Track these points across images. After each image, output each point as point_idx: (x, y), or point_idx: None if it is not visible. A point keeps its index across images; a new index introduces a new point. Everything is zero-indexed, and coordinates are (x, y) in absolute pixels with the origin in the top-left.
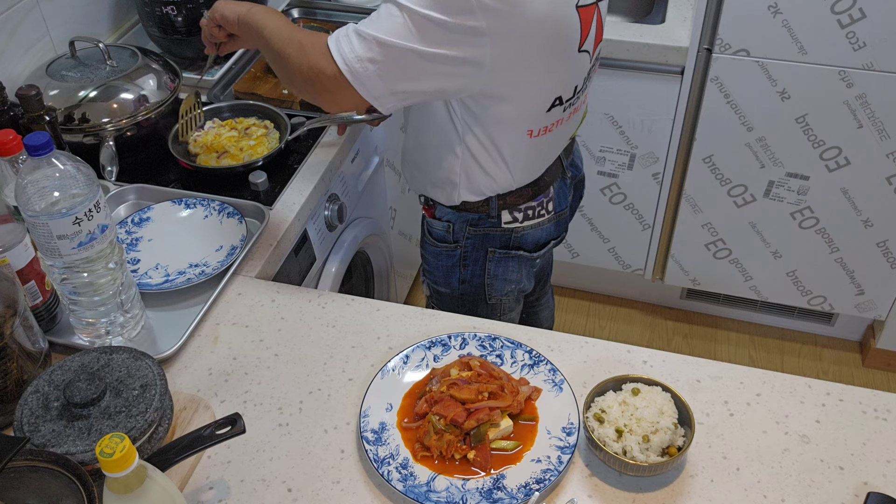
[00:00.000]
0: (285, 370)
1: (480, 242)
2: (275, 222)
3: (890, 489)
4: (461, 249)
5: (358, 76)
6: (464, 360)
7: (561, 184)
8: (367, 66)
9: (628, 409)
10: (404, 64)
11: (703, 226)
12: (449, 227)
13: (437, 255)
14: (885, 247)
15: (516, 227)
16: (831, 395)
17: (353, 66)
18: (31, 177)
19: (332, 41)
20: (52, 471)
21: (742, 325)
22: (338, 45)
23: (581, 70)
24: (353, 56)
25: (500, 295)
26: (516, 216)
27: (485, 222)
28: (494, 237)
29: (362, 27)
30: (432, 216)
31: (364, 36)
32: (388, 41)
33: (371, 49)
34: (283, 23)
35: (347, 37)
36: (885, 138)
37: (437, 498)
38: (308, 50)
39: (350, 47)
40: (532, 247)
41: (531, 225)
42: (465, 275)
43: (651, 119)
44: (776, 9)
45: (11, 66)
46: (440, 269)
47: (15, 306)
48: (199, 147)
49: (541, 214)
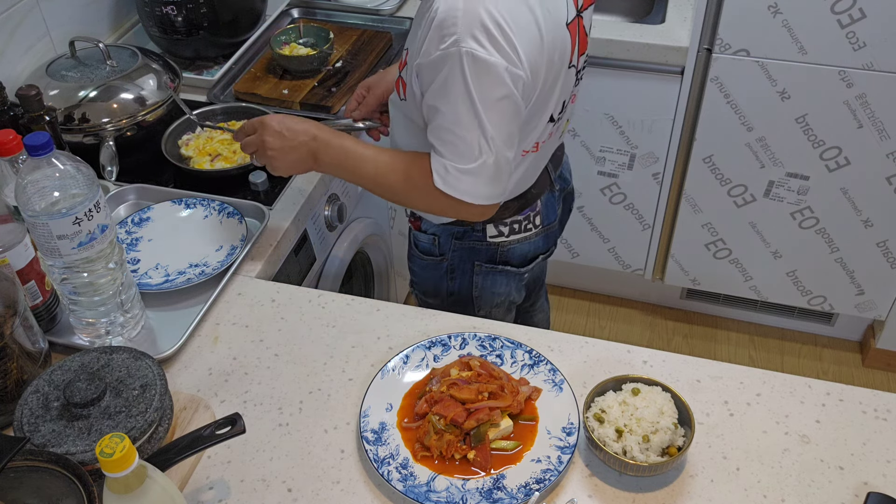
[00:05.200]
0: (285, 370)
1: (467, 255)
2: (275, 222)
3: (890, 489)
4: (447, 262)
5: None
6: (464, 360)
7: (549, 196)
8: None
9: (628, 409)
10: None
11: (703, 226)
12: (435, 240)
13: (424, 268)
14: (885, 247)
15: (502, 242)
16: (831, 395)
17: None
18: (31, 177)
19: (449, 189)
20: (52, 471)
21: (742, 325)
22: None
23: (569, 86)
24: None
25: (490, 307)
26: (502, 230)
27: (470, 235)
28: (480, 251)
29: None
30: (418, 228)
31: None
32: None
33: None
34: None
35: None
36: (885, 138)
37: (437, 498)
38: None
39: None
40: (519, 261)
41: (518, 239)
42: (452, 287)
43: (651, 119)
44: (776, 9)
45: (11, 66)
46: (428, 281)
47: (15, 306)
48: (192, 150)
49: (528, 228)
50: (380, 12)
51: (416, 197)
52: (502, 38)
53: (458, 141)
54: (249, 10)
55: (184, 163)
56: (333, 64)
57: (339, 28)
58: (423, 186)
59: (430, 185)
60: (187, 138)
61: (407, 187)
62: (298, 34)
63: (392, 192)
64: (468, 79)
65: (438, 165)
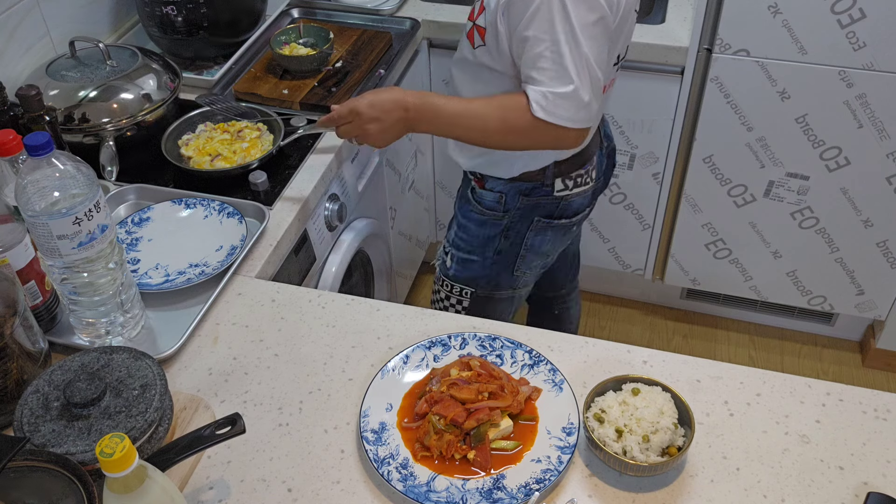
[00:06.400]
0: (285, 370)
1: (529, 211)
2: (275, 222)
3: (890, 489)
4: (508, 219)
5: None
6: (464, 360)
7: (600, 153)
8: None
9: (628, 409)
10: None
11: (703, 226)
12: (501, 198)
13: (482, 224)
14: (885, 247)
15: (566, 195)
16: (831, 395)
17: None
18: (31, 177)
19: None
20: (52, 471)
21: (742, 325)
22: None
23: (631, 30)
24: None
25: (527, 268)
26: (567, 184)
27: (539, 191)
28: (543, 206)
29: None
30: (482, 187)
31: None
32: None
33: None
34: None
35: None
36: (885, 138)
37: (437, 498)
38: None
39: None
40: (572, 214)
41: (578, 192)
42: (503, 245)
43: (651, 119)
44: (776, 9)
45: (11, 66)
46: (479, 239)
47: (15, 306)
48: (192, 150)
49: (586, 182)
50: (380, 12)
51: (514, 137)
52: None
53: (556, 65)
54: (249, 10)
55: (184, 163)
56: (333, 64)
57: (339, 28)
58: (521, 123)
59: (529, 120)
60: (187, 138)
61: (505, 128)
62: (298, 34)
63: (491, 139)
64: (566, 1)
65: (537, 95)
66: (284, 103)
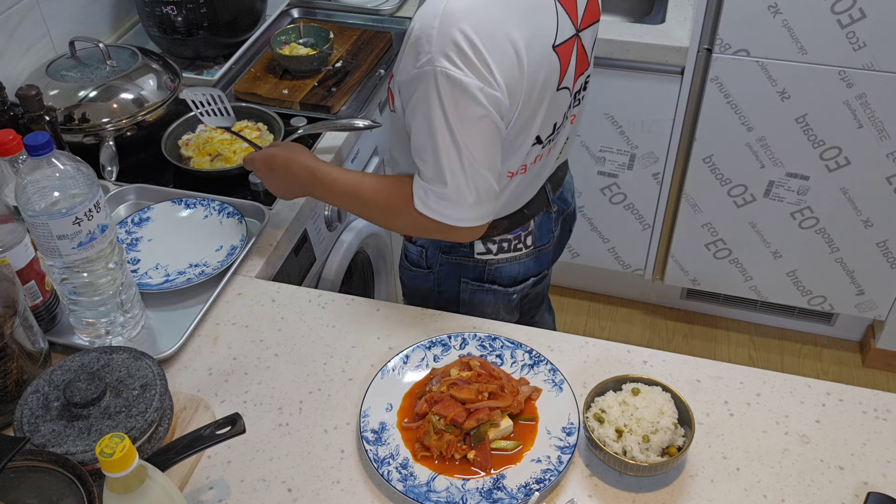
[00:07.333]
0: (285, 370)
1: (454, 270)
2: (275, 222)
3: (890, 489)
4: (435, 275)
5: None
6: (464, 360)
7: (545, 217)
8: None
9: (628, 409)
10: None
11: (703, 226)
12: (423, 252)
13: (413, 279)
14: (885, 247)
15: (490, 259)
16: (831, 395)
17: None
18: (31, 177)
19: (427, 211)
20: (52, 471)
21: (742, 325)
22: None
23: (561, 107)
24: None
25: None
26: (490, 247)
27: (457, 251)
28: (467, 267)
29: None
30: (408, 239)
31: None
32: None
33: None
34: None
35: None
36: (885, 138)
37: (437, 498)
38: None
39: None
40: (508, 282)
41: (506, 258)
42: (440, 300)
43: (651, 119)
44: (776, 9)
45: (11, 66)
46: (417, 293)
47: (15, 306)
48: (192, 150)
49: (517, 248)
50: (380, 12)
51: (402, 224)
52: (476, 57)
53: (435, 163)
54: (249, 10)
55: (184, 163)
56: (333, 64)
57: (339, 28)
58: (406, 213)
59: (412, 211)
60: (187, 138)
61: (391, 214)
62: (298, 34)
63: (380, 221)
64: (442, 98)
65: (419, 188)
66: (284, 103)
